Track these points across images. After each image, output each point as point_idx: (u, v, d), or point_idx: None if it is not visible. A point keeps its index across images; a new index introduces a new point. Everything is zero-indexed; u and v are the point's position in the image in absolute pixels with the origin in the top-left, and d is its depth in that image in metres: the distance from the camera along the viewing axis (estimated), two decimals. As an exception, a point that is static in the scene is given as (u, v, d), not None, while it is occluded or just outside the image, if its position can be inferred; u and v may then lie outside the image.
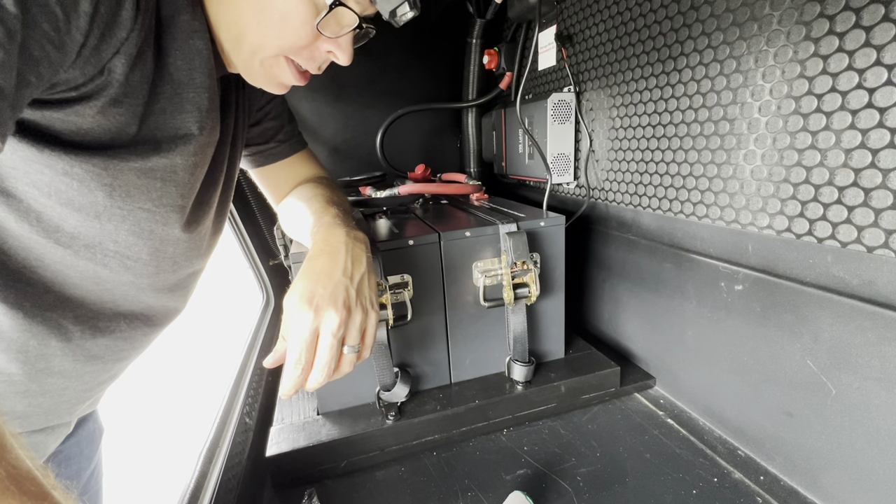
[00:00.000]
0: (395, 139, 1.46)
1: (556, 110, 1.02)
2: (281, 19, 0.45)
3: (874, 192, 0.52)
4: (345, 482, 0.74)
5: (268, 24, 0.45)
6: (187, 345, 2.47)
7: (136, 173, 0.44)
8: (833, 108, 0.54)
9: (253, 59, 0.48)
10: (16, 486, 0.22)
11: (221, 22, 0.46)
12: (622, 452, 0.76)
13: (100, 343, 0.50)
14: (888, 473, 0.55)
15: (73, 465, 0.62)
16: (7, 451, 0.23)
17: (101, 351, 0.51)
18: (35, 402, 0.49)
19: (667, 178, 0.82)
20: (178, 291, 0.58)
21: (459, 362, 0.88)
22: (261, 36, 0.46)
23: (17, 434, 0.24)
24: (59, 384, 0.49)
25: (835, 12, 0.52)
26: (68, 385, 0.51)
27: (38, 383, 0.48)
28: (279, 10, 0.44)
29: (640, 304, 0.94)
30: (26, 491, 0.22)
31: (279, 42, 0.47)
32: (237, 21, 0.45)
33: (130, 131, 0.42)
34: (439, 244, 0.80)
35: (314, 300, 0.49)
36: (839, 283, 0.57)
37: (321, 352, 0.49)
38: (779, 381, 0.66)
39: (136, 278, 0.50)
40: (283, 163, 0.72)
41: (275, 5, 0.44)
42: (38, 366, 0.46)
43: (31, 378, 0.47)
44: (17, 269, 0.42)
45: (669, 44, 0.76)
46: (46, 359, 0.46)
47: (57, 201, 0.40)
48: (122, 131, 0.41)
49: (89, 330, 0.49)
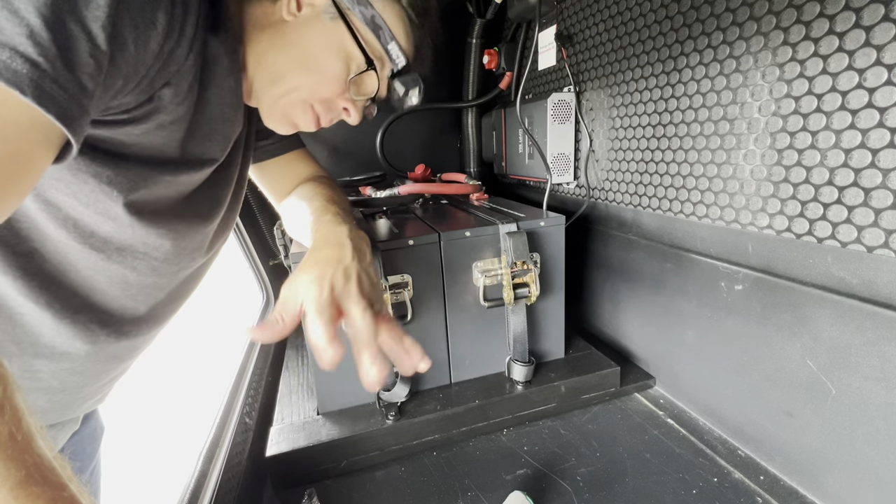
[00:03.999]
0: (395, 139, 1.46)
1: (556, 110, 1.02)
2: (321, 70, 0.52)
3: (874, 192, 0.52)
4: (345, 482, 0.74)
5: (310, 71, 0.51)
6: (187, 345, 2.47)
7: (164, 185, 0.48)
8: (833, 108, 0.54)
9: (282, 99, 0.54)
10: (39, 474, 0.24)
11: (263, 62, 0.51)
12: (622, 452, 0.76)
13: (122, 345, 0.53)
14: (888, 473, 0.55)
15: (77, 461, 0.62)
16: (34, 440, 0.25)
17: (121, 352, 0.54)
18: (55, 398, 0.51)
19: (667, 178, 0.82)
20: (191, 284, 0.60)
21: (459, 362, 0.88)
22: (300, 80, 0.52)
23: (42, 428, 0.26)
24: (78, 381, 0.52)
25: (835, 12, 0.52)
26: (86, 382, 0.53)
27: (59, 380, 0.50)
28: (322, 63, 0.51)
29: (640, 304, 0.94)
30: (48, 480, 0.24)
31: (315, 88, 0.53)
32: (282, 65, 0.51)
33: (168, 153, 0.46)
34: (439, 244, 0.80)
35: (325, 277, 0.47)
36: (839, 282, 0.57)
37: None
38: (779, 381, 0.66)
39: (159, 279, 0.53)
40: (282, 160, 0.73)
41: (319, 58, 0.51)
42: (63, 365, 0.49)
43: (53, 375, 0.49)
44: (51, 272, 0.44)
45: (669, 44, 0.76)
46: (71, 358, 0.48)
47: (94, 210, 0.43)
48: (161, 152, 0.45)
49: (114, 334, 0.51)
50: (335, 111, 0.57)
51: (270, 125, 0.57)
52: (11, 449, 0.24)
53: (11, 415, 0.24)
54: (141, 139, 0.43)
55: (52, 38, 0.29)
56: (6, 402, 0.25)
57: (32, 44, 0.28)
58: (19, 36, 0.28)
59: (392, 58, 0.54)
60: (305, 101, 0.54)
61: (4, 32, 0.27)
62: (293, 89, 0.52)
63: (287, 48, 0.50)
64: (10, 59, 0.27)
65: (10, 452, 0.23)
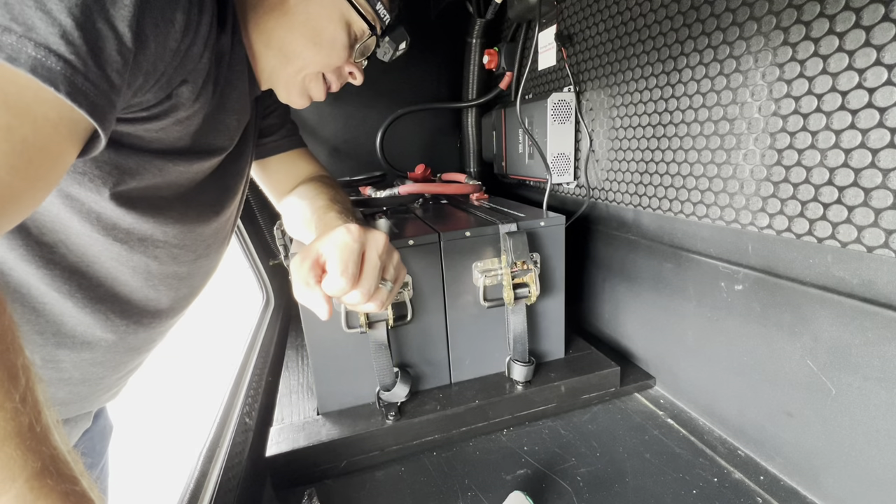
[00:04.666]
0: (395, 139, 1.46)
1: (556, 110, 1.02)
2: (329, 42, 0.54)
3: (874, 192, 0.52)
4: (345, 482, 0.74)
5: (321, 45, 0.54)
6: (187, 345, 2.47)
7: (177, 174, 0.49)
8: (833, 108, 0.54)
9: (298, 75, 0.56)
10: (55, 466, 0.24)
11: (272, 44, 0.53)
12: (622, 452, 0.76)
13: (141, 337, 0.54)
14: (888, 473, 0.55)
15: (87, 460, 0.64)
16: (51, 433, 0.25)
17: (140, 343, 0.55)
18: (75, 389, 0.53)
19: (667, 178, 0.82)
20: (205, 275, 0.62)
21: (459, 362, 0.88)
22: (312, 55, 0.54)
23: (59, 421, 0.27)
24: (98, 373, 0.53)
25: (835, 12, 0.52)
26: (105, 374, 0.54)
27: (80, 371, 0.51)
28: (329, 35, 0.54)
29: (640, 304, 0.94)
30: (62, 473, 0.25)
31: (325, 60, 0.56)
32: (291, 43, 0.53)
33: (181, 145, 0.48)
34: (439, 244, 0.80)
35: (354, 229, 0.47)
36: (839, 282, 0.57)
37: (367, 269, 0.47)
38: (779, 381, 0.66)
39: (179, 267, 0.54)
40: (283, 158, 0.73)
41: (326, 31, 0.53)
42: (84, 355, 0.50)
43: (75, 366, 0.50)
44: (74, 263, 0.46)
45: (669, 44, 0.76)
46: (92, 348, 0.50)
47: (115, 203, 0.44)
48: (174, 145, 0.47)
49: (133, 325, 0.52)
50: (343, 77, 0.61)
51: (288, 101, 0.60)
52: (31, 440, 0.24)
53: (33, 406, 0.25)
54: (160, 135, 0.44)
55: (83, 36, 0.30)
56: (28, 392, 0.25)
57: (65, 43, 0.29)
58: (53, 35, 0.29)
59: (380, 17, 0.57)
60: (318, 74, 0.58)
61: (38, 32, 0.28)
62: (307, 64, 0.55)
63: (294, 25, 0.52)
64: (44, 58, 0.28)
65: (30, 443, 0.24)
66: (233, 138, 0.56)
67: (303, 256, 0.47)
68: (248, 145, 0.63)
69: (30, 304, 0.45)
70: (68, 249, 0.45)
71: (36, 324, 0.46)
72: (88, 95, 0.31)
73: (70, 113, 0.31)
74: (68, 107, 0.30)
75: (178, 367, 2.35)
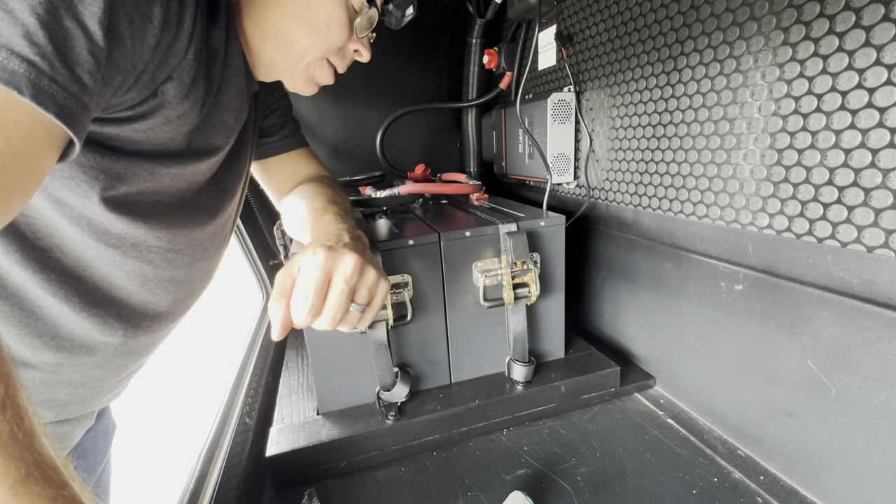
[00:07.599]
0: (395, 139, 1.46)
1: (556, 110, 1.02)
2: (326, 24, 0.52)
3: (874, 192, 0.52)
4: (345, 482, 0.74)
5: (317, 30, 0.52)
6: (187, 345, 2.47)
7: (171, 178, 0.48)
8: (833, 108, 0.54)
9: (300, 63, 0.55)
10: (40, 472, 0.24)
11: (269, 34, 0.52)
12: (622, 452, 0.76)
13: (140, 340, 0.54)
14: (888, 473, 0.55)
15: (90, 458, 0.65)
16: (36, 438, 0.25)
17: (139, 347, 0.55)
18: (75, 391, 0.52)
19: (667, 178, 0.82)
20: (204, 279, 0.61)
21: (459, 362, 0.88)
22: (312, 40, 0.52)
23: (44, 424, 0.26)
24: (97, 376, 0.53)
25: (835, 12, 0.52)
26: (105, 377, 0.54)
27: (80, 374, 0.51)
28: (325, 17, 0.51)
29: (640, 304, 0.94)
30: (48, 478, 0.24)
31: (326, 45, 0.54)
32: (288, 31, 0.52)
33: (175, 146, 0.47)
34: (439, 244, 0.80)
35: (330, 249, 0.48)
36: (839, 282, 0.57)
37: (332, 296, 0.47)
38: (779, 381, 0.66)
39: (175, 271, 0.53)
40: (284, 158, 0.73)
41: (321, 13, 0.51)
42: (83, 359, 0.50)
43: (74, 369, 0.50)
44: (70, 267, 0.45)
45: (669, 44, 0.76)
46: (90, 352, 0.49)
47: (105, 208, 0.43)
48: (167, 146, 0.46)
49: (132, 329, 0.52)
50: (348, 56, 0.59)
51: (295, 89, 0.59)
52: (12, 447, 0.24)
53: (13, 413, 0.25)
54: (148, 135, 0.43)
55: (48, 36, 0.29)
56: (7, 400, 0.25)
57: (28, 43, 0.28)
58: (15, 36, 0.28)
59: None
60: (322, 58, 0.56)
61: (0, 33, 0.27)
62: (308, 51, 0.53)
63: (289, 12, 0.50)
64: (6, 60, 0.27)
65: (11, 451, 0.23)
66: (230, 137, 0.55)
67: (284, 272, 0.49)
68: (248, 144, 0.62)
69: (27, 308, 0.44)
70: (63, 254, 0.44)
71: (34, 327, 0.45)
72: (56, 98, 0.29)
73: (43, 117, 0.29)
74: (39, 111, 0.29)
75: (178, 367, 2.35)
